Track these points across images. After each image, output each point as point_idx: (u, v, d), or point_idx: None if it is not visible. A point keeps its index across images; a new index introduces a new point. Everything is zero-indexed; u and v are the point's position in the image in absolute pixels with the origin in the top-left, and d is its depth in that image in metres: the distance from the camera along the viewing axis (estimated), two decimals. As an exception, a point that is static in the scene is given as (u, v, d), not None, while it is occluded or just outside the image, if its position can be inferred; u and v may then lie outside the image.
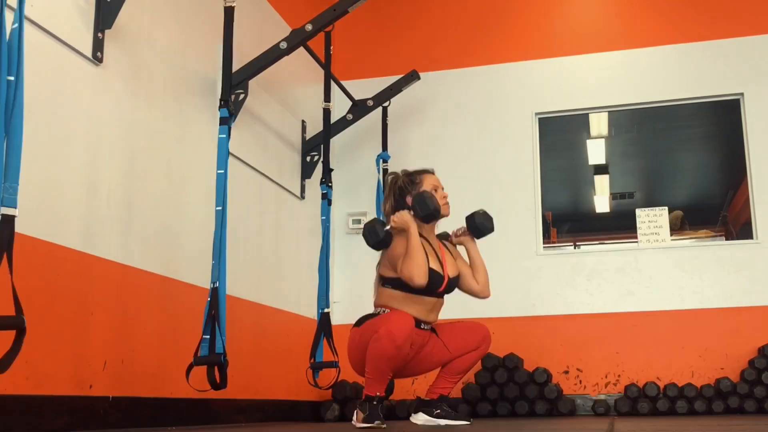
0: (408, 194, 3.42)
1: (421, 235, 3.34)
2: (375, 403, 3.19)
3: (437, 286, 3.35)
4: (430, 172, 3.52)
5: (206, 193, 4.10)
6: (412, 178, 3.46)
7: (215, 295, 3.21)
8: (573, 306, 5.78)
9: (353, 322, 3.40)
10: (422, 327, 3.37)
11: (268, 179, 5.04)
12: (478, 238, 3.63)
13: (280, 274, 5.18)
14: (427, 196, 3.34)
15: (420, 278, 3.20)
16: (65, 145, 3.12)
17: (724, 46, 5.90)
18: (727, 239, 9.41)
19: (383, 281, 3.40)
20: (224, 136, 3.41)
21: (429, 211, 3.34)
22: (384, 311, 3.31)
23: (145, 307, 3.61)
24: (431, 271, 3.29)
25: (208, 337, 3.18)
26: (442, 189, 3.49)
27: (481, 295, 3.60)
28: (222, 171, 3.34)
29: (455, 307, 3.82)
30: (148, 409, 3.51)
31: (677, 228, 7.61)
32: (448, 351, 3.45)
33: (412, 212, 3.36)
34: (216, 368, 3.19)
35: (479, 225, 3.56)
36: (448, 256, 3.51)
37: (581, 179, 10.41)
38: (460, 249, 3.68)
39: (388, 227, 3.35)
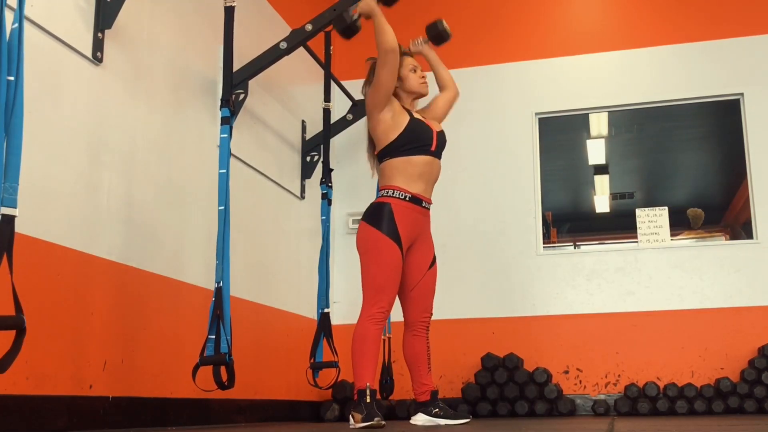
0: None
1: (404, 108, 3.52)
2: (369, 400, 3.18)
3: (428, 139, 3.47)
4: (409, 54, 3.73)
5: (206, 192, 4.10)
6: None
7: (219, 294, 3.21)
8: (573, 306, 5.78)
9: (353, 323, 3.40)
10: (423, 205, 3.48)
11: (268, 179, 5.04)
12: (437, 44, 3.91)
13: (280, 274, 5.18)
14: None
15: (393, 41, 3.36)
16: (65, 145, 3.12)
17: (724, 46, 5.90)
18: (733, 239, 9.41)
19: (381, 155, 3.51)
20: (226, 135, 3.41)
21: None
22: (390, 192, 3.40)
23: (145, 307, 3.61)
24: (417, 121, 3.48)
25: (214, 337, 3.18)
26: (421, 70, 3.65)
27: (454, 92, 3.82)
28: (224, 170, 3.34)
29: (455, 307, 3.86)
30: (148, 409, 3.52)
31: (697, 227, 7.62)
32: (420, 276, 3.51)
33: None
34: (222, 368, 3.19)
35: (442, 30, 3.86)
36: (427, 119, 3.64)
37: (581, 179, 10.41)
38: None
39: (356, 17, 3.68)
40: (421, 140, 3.46)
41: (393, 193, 3.41)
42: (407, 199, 3.41)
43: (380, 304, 3.30)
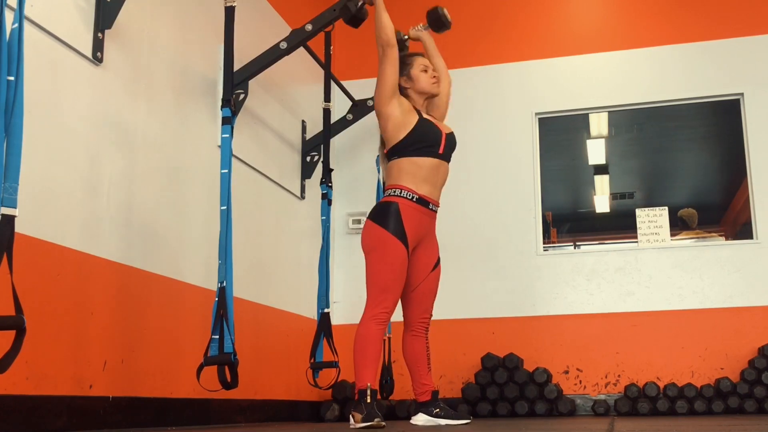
0: (400, 75, 3.56)
1: (414, 108, 3.51)
2: (369, 400, 3.18)
3: (437, 140, 3.47)
4: (421, 54, 3.74)
5: (206, 192, 4.10)
6: (404, 59, 3.62)
7: (223, 294, 3.21)
8: (573, 306, 5.78)
9: (353, 323, 3.40)
10: (430, 207, 3.47)
11: (268, 179, 5.04)
12: (437, 31, 3.90)
13: (280, 274, 5.18)
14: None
15: (391, 30, 3.42)
16: (65, 145, 3.12)
17: (724, 46, 5.90)
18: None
19: (389, 154, 3.50)
20: (227, 135, 3.41)
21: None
22: (397, 192, 3.39)
23: (145, 307, 3.61)
24: (427, 121, 3.48)
25: (217, 337, 3.18)
26: (432, 70, 3.66)
27: (447, 79, 3.77)
28: (226, 170, 3.34)
29: (455, 307, 3.85)
30: (148, 409, 3.52)
31: (695, 225, 7.64)
32: (423, 276, 3.51)
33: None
34: (227, 367, 3.19)
35: (442, 16, 3.87)
36: (437, 121, 3.64)
37: (581, 179, 10.41)
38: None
39: (360, 4, 3.74)
40: (429, 141, 3.45)
41: (400, 193, 3.40)
42: (414, 200, 3.40)
43: (384, 304, 3.29)
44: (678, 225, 7.39)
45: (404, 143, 3.43)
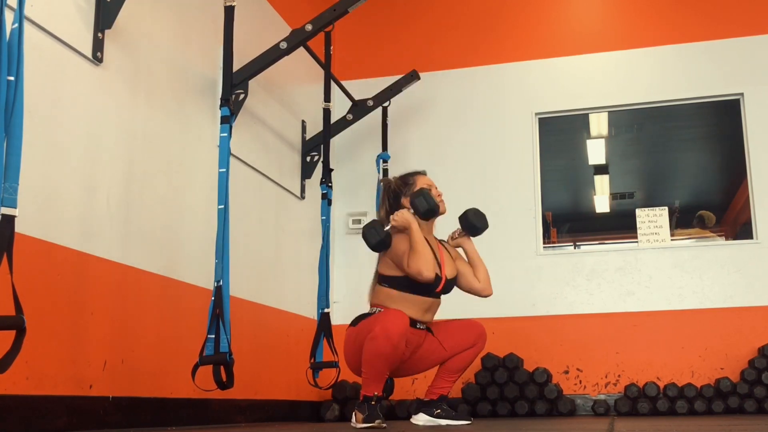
0: (403, 196, 3.45)
1: None
2: (373, 402, 3.19)
3: (435, 286, 3.36)
4: (422, 173, 3.57)
5: (206, 192, 4.10)
6: (406, 180, 3.51)
7: (219, 293, 3.21)
8: (573, 306, 5.78)
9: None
10: (418, 326, 3.40)
11: (268, 179, 5.04)
12: (473, 236, 3.66)
13: (280, 274, 5.18)
14: (426, 193, 3.38)
15: (429, 272, 3.22)
16: (65, 145, 3.12)
17: (724, 46, 5.90)
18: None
19: (381, 279, 3.42)
20: (225, 135, 3.42)
21: (428, 206, 3.36)
22: (379, 311, 3.32)
23: (145, 307, 3.61)
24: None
25: (213, 336, 3.17)
26: (436, 188, 3.54)
27: (483, 293, 3.61)
28: (224, 170, 3.34)
29: (455, 307, 3.82)
30: (148, 409, 3.51)
31: (712, 224, 7.72)
32: (444, 349, 3.47)
33: (411, 210, 3.38)
34: (222, 367, 3.19)
35: (473, 222, 3.60)
36: (447, 257, 3.53)
37: (581, 179, 10.40)
38: (460, 252, 3.68)
39: (388, 227, 3.37)
40: (427, 288, 3.35)
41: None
42: None
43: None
44: (693, 223, 7.46)
45: (401, 280, 3.34)
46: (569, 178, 10.41)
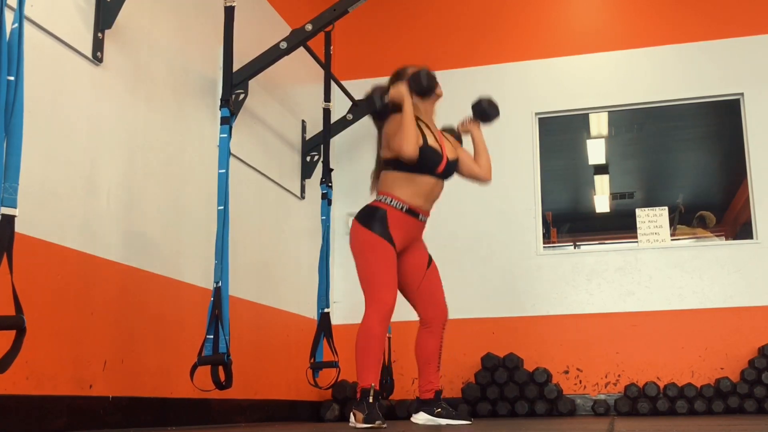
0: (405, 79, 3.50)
1: (419, 119, 3.44)
2: (372, 400, 3.18)
3: (436, 164, 3.42)
4: (414, 66, 3.64)
5: (206, 192, 4.10)
6: (407, 69, 3.57)
7: (218, 294, 3.21)
8: (573, 306, 5.78)
9: (353, 322, 3.40)
10: (420, 218, 3.46)
11: (268, 179, 5.04)
12: (484, 122, 3.78)
13: (280, 274, 5.18)
14: (425, 72, 3.45)
15: (410, 149, 3.28)
16: (65, 145, 3.12)
17: (724, 46, 5.90)
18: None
19: (384, 164, 3.48)
20: (225, 135, 3.41)
21: (424, 84, 3.42)
22: (387, 200, 3.38)
23: (146, 307, 3.61)
24: (430, 148, 3.39)
25: (212, 336, 3.17)
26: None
27: (483, 177, 3.74)
28: (224, 170, 3.33)
29: (455, 307, 3.83)
30: (148, 409, 3.52)
31: (713, 225, 7.75)
32: (420, 275, 3.52)
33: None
34: (221, 368, 3.19)
35: (485, 108, 3.70)
36: (447, 143, 3.59)
37: (581, 179, 10.40)
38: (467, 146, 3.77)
39: (385, 101, 3.46)
40: (429, 166, 3.41)
41: (390, 201, 3.40)
42: (404, 210, 3.40)
43: (383, 300, 3.28)
44: (694, 223, 7.48)
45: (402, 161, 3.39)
46: (569, 178, 10.41)
